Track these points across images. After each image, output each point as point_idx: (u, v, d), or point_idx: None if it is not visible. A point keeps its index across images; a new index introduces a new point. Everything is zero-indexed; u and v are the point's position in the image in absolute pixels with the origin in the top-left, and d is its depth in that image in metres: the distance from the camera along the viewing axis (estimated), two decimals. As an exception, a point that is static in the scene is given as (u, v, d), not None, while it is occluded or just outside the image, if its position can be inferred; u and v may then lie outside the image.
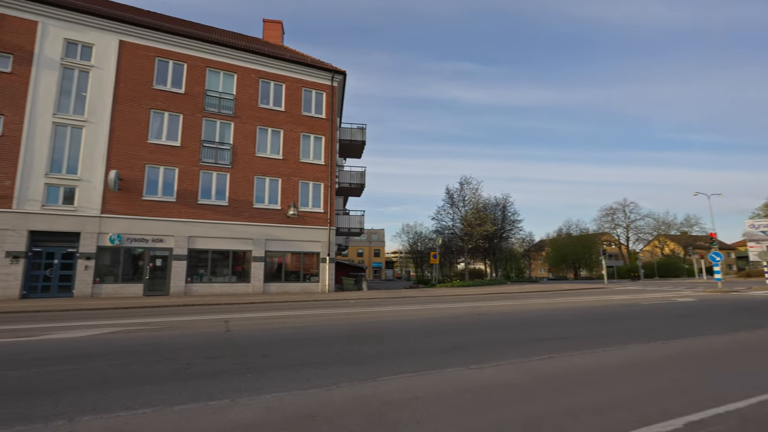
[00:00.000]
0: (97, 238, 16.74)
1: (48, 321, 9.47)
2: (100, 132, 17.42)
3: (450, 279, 42.71)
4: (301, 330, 7.95)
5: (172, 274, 17.78)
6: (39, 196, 16.16)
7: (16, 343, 6.58)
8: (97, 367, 4.98)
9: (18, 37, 16.74)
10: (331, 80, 22.53)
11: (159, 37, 18.97)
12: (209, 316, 10.17)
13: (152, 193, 18.03)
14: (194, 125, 19.18)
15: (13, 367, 5.00)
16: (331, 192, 21.58)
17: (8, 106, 16.20)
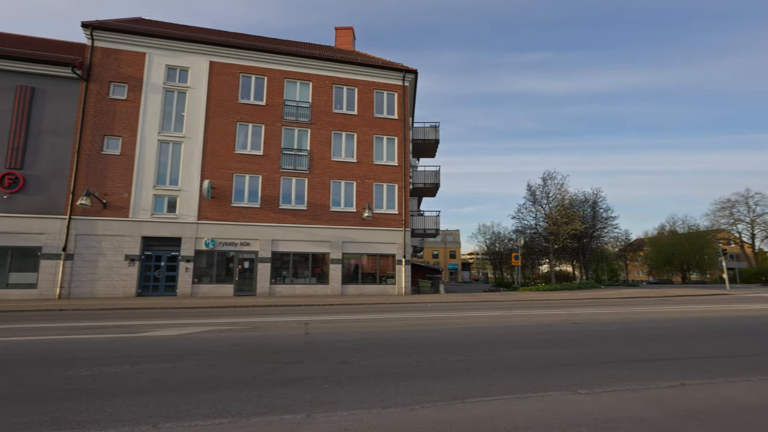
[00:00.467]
0: (194, 243, 18.41)
1: (153, 318, 10.42)
2: (195, 146, 19.18)
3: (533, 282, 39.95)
4: (379, 335, 7.64)
5: (258, 275, 18.90)
6: (149, 205, 18.25)
7: (119, 339, 7.19)
8: (187, 367, 5.12)
9: (130, 69, 19.15)
10: (402, 80, 22.29)
11: (243, 55, 20.39)
12: (290, 318, 10.39)
13: (239, 200, 19.37)
14: (275, 134, 20.25)
15: (110, 363, 5.36)
16: (405, 193, 21.30)
17: (125, 128, 18.58)
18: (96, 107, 18.38)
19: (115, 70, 18.93)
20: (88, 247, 17.42)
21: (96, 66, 18.75)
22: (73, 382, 4.47)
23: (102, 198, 17.70)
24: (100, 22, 19.38)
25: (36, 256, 16.94)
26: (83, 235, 17.42)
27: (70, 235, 17.22)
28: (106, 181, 17.98)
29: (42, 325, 9.13)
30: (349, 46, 26.08)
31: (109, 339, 7.16)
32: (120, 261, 17.55)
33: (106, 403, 3.79)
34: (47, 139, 17.73)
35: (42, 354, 5.91)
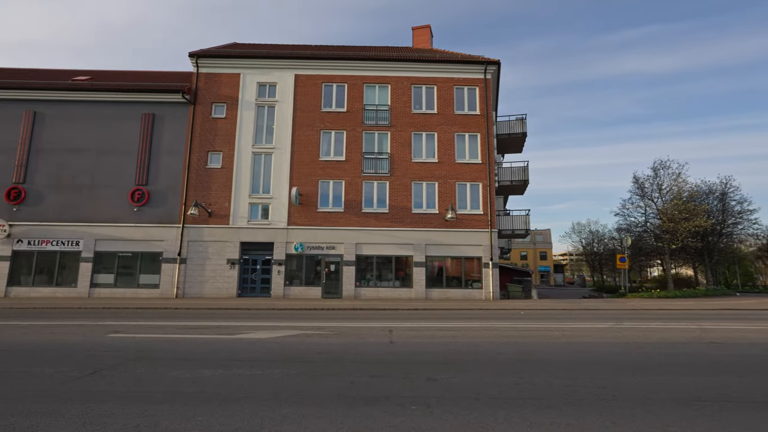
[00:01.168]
0: (285, 247, 19.53)
1: (249, 319, 11.06)
2: (284, 156, 20.38)
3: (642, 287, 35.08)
4: (468, 348, 7.02)
5: (343, 278, 19.36)
6: (245, 213, 19.84)
7: (217, 340, 7.61)
8: (275, 375, 5.10)
9: (228, 89, 21.08)
10: (484, 72, 21.17)
11: (324, 65, 21.19)
12: (374, 324, 10.23)
13: (325, 205, 20.08)
14: (356, 139, 20.63)
15: (207, 366, 5.58)
16: (490, 192, 20.14)
17: (224, 144, 20.48)
18: (201, 127, 20.57)
19: (215, 92, 21.00)
20: (197, 252, 19.51)
21: (201, 90, 21.01)
22: (175, 384, 4.68)
23: (207, 208, 19.70)
24: (203, 51, 21.69)
25: (158, 261, 19.46)
26: (193, 242, 19.56)
27: (184, 241, 19.46)
28: (210, 192, 19.99)
29: (160, 323, 10.21)
30: (427, 44, 25.63)
31: (209, 340, 7.63)
32: (223, 264, 19.34)
33: (198, 410, 3.84)
34: (164, 158, 20.30)
35: (154, 353, 6.44)
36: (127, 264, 19.65)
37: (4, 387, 4.55)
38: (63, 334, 8.18)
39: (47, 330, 8.76)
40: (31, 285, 19.24)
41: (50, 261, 19.49)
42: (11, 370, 5.32)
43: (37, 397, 4.22)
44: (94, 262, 19.38)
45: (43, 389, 4.48)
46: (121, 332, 8.49)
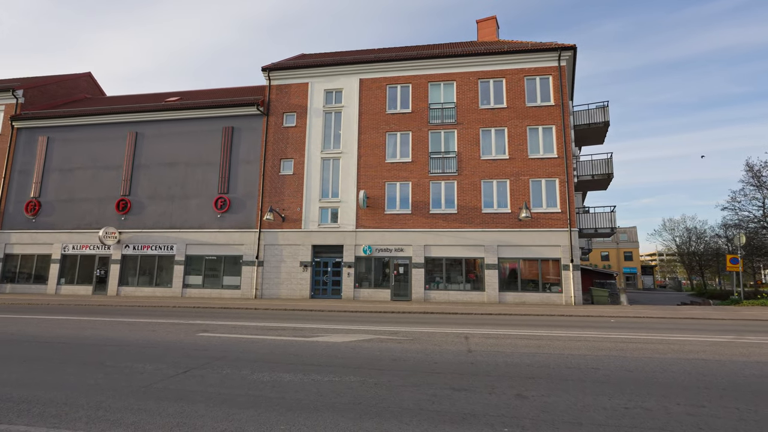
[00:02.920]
0: (354, 250, 19.81)
1: (322, 321, 11.26)
2: (351, 160, 20.73)
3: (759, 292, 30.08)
4: (557, 360, 6.35)
5: (412, 280, 19.12)
6: (316, 217, 20.50)
7: (294, 343, 7.75)
8: (352, 383, 4.98)
9: (297, 99, 22.01)
10: (558, 59, 19.66)
11: (388, 67, 21.20)
12: (448, 329, 9.81)
13: (392, 207, 20.03)
14: (422, 139, 20.32)
15: (286, 370, 5.63)
16: (568, 188, 18.60)
17: (296, 151, 21.40)
18: (274, 136, 21.71)
19: (286, 102, 22.05)
20: (273, 255, 20.58)
21: (273, 101, 22.19)
22: (257, 388, 4.75)
23: (281, 213, 20.71)
24: (274, 64, 22.91)
25: (239, 263, 20.86)
26: (269, 245, 20.67)
27: (261, 245, 20.65)
28: (284, 198, 20.98)
29: (242, 323, 10.78)
30: (493, 36, 24.53)
31: (287, 342, 7.81)
32: (296, 267, 20.17)
33: (280, 418, 3.80)
34: (243, 167, 21.75)
35: (238, 354, 6.71)
36: (213, 266, 21.36)
37: (114, 381, 4.96)
38: (161, 332, 8.93)
39: (149, 328, 9.65)
40: (136, 285, 21.74)
41: (150, 264, 21.86)
42: (119, 365, 5.83)
43: (139, 393, 4.52)
44: (185, 265, 21.36)
45: (145, 386, 4.81)
46: (208, 331, 9.07)
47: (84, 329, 9.34)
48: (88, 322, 10.79)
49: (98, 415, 3.84)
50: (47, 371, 5.49)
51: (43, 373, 5.37)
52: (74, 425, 3.58)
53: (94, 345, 7.42)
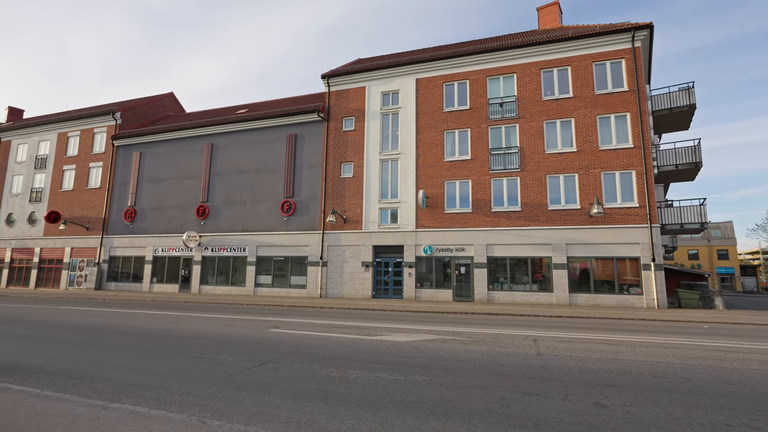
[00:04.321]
0: (414, 250, 19.80)
1: (385, 320, 11.40)
2: (409, 160, 20.77)
3: None
4: (639, 367, 5.82)
5: (474, 281, 18.66)
6: (375, 218, 20.82)
7: (359, 341, 7.92)
8: (418, 382, 4.99)
9: (355, 103, 22.54)
10: (631, 40, 18.05)
11: (444, 65, 20.94)
12: (514, 331, 9.43)
13: (452, 206, 19.72)
14: (481, 136, 19.77)
15: (353, 367, 5.78)
16: (647, 180, 16.98)
17: (355, 154, 21.92)
18: (334, 140, 22.44)
19: (345, 107, 22.68)
20: (336, 255, 21.26)
21: (332, 107, 22.96)
22: (325, 383, 4.95)
23: (343, 214, 21.32)
24: (332, 71, 23.68)
25: (304, 264, 21.85)
26: (332, 246, 21.38)
27: (324, 246, 21.43)
28: (345, 200, 21.59)
29: (309, 321, 11.28)
30: (555, 23, 23.18)
31: (352, 340, 8.02)
32: (358, 267, 20.64)
33: (349, 413, 3.93)
34: (305, 171, 22.76)
35: (307, 350, 7.03)
36: (281, 267, 22.59)
37: (200, 371, 5.46)
38: (238, 327, 9.64)
39: (226, 323, 10.46)
40: (215, 284, 23.68)
41: (226, 264, 23.69)
42: (204, 356, 6.40)
43: (222, 382, 4.93)
44: (256, 265, 22.85)
45: (226, 376, 5.23)
46: (279, 328, 9.61)
47: (173, 323, 10.37)
48: (176, 317, 11.97)
49: (189, 400, 4.25)
50: (147, 359, 6.19)
51: (143, 361, 6.06)
52: (170, 408, 4.00)
53: (182, 337, 8.21)
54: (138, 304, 16.47)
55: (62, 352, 6.73)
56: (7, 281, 29.47)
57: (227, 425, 3.53)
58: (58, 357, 6.31)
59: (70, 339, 7.95)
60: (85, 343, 7.49)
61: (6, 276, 29.48)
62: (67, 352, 6.67)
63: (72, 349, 7.00)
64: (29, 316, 11.83)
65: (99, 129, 28.84)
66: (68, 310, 13.51)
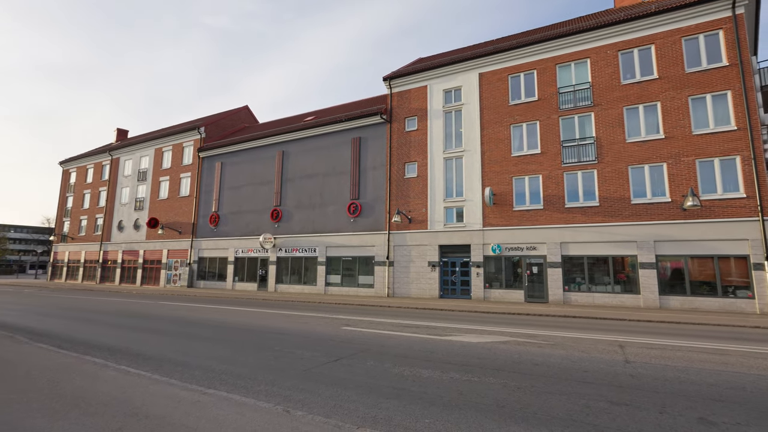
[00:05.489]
0: (482, 249, 19.23)
1: (453, 321, 11.23)
2: (474, 157, 20.24)
3: None
4: (760, 382, 5.09)
5: (548, 281, 17.63)
6: (441, 217, 20.59)
7: (429, 341, 7.88)
8: (492, 384, 4.86)
9: (417, 103, 22.52)
10: (732, 6, 15.80)
11: (508, 57, 20.09)
12: (597, 336, 8.76)
13: (521, 203, 18.84)
14: (551, 128, 18.65)
15: (424, 366, 5.76)
16: (756, 166, 14.75)
17: (418, 153, 21.90)
18: (397, 141, 22.62)
19: (407, 107, 22.76)
20: (402, 255, 21.39)
21: (395, 108, 23.16)
22: (398, 381, 5.01)
23: (408, 214, 21.40)
24: (393, 73, 23.89)
25: (371, 264, 22.29)
26: (398, 246, 21.55)
27: (390, 246, 21.68)
28: (409, 200, 21.64)
29: (378, 319, 11.49)
30: None
31: (422, 340, 8.02)
32: (424, 267, 20.56)
33: (424, 412, 3.94)
34: (370, 173, 23.22)
35: (378, 347, 7.18)
36: (349, 266, 23.29)
37: (281, 363, 5.83)
38: (312, 325, 10.12)
39: (301, 320, 11.04)
40: (289, 283, 25.12)
41: (298, 264, 25.00)
42: (284, 350, 6.82)
43: (302, 375, 5.22)
44: (326, 265, 23.80)
45: (305, 369, 5.53)
46: (350, 326, 9.92)
47: (254, 319, 11.20)
48: (256, 313, 12.90)
49: (273, 390, 4.57)
50: (234, 351, 6.76)
51: (232, 353, 6.63)
52: (257, 396, 4.33)
53: (263, 332, 8.83)
54: (223, 301, 18.01)
55: (165, 341, 7.60)
56: (119, 279, 34.00)
57: (309, 416, 3.73)
58: (163, 346, 7.14)
59: (171, 330, 8.94)
60: (182, 335, 8.38)
61: (119, 274, 34.02)
62: (169, 342, 7.52)
63: (172, 339, 7.87)
64: (139, 309, 13.53)
65: (187, 143, 32.10)
66: (168, 305, 15.21)
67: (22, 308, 13.75)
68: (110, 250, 35.33)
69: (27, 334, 8.11)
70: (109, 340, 7.63)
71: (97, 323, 10.04)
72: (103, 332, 8.64)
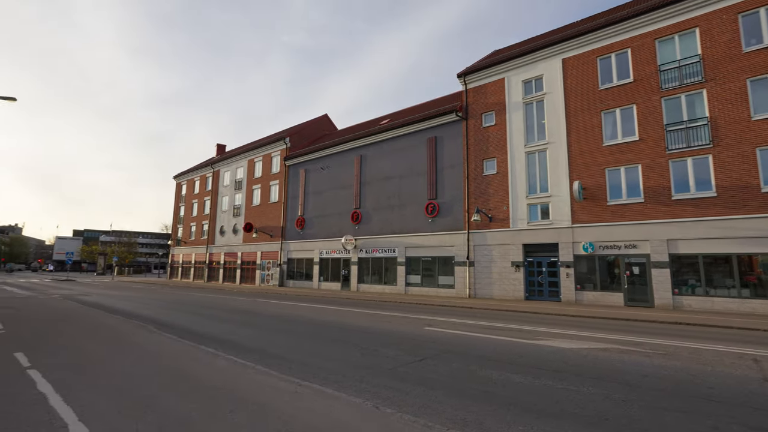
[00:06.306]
0: (572, 248, 17.80)
1: (541, 324, 10.55)
2: (560, 150, 18.86)
3: None
4: None
5: (653, 283, 15.69)
6: (524, 215, 19.53)
7: (517, 344, 7.49)
8: (593, 395, 4.47)
9: (494, 97, 21.67)
10: None
11: (595, 37, 18.37)
12: (720, 346, 7.57)
13: (616, 197, 17.07)
14: (651, 111, 16.61)
15: (514, 371, 5.49)
16: None
17: (497, 149, 21.07)
18: (474, 138, 22.00)
19: (483, 103, 22.03)
20: (483, 255, 20.72)
21: (470, 104, 22.57)
22: (486, 384, 4.85)
23: (488, 213, 20.67)
24: (468, 68, 23.30)
25: (451, 264, 21.95)
26: (479, 246, 20.92)
27: (470, 246, 21.14)
28: (489, 198, 20.89)
29: (461, 320, 11.28)
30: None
31: (509, 343, 7.67)
32: (507, 267, 19.66)
33: (517, 418, 3.76)
34: (447, 172, 22.92)
35: (463, 348, 7.03)
36: (428, 267, 23.21)
37: (368, 361, 6.02)
38: (395, 324, 10.28)
39: (384, 319, 11.28)
40: (370, 283, 25.85)
41: (378, 265, 25.61)
42: (369, 348, 7.03)
43: (388, 373, 5.32)
44: (405, 266, 24.02)
45: (391, 367, 5.63)
46: (433, 326, 9.87)
47: (340, 317, 11.72)
48: (341, 311, 13.49)
49: (361, 386, 4.72)
50: (324, 347, 7.14)
51: (322, 348, 7.02)
52: (348, 391, 4.51)
53: (349, 330, 9.19)
54: (310, 299, 19.15)
55: (264, 336, 8.32)
56: (222, 278, 38.10)
57: (398, 414, 3.79)
58: (263, 340, 7.82)
59: (268, 325, 9.76)
60: (277, 330, 9.09)
61: (222, 274, 38.14)
62: (268, 336, 8.21)
63: (270, 334, 8.58)
64: (239, 306, 15.00)
65: (275, 153, 34.85)
66: (263, 302, 16.63)
67: (150, 303, 16.08)
68: (214, 252, 39.71)
69: (156, 325, 9.47)
70: (218, 333, 8.57)
71: (208, 317, 11.35)
72: (213, 325, 9.73)
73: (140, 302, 16.21)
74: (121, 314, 11.72)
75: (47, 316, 11.06)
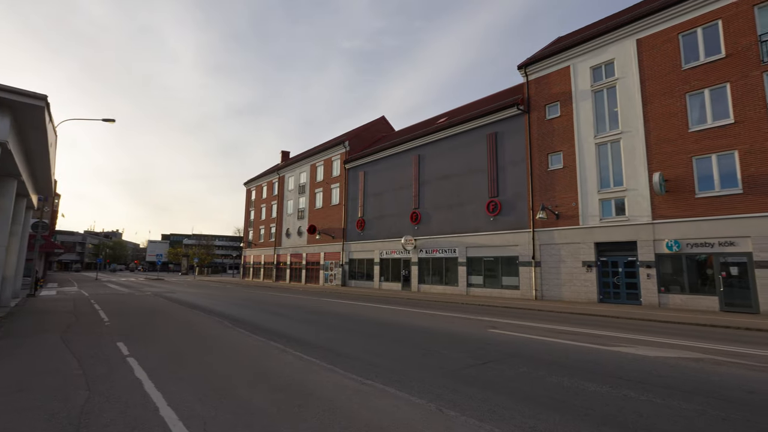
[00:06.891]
0: (653, 246, 16.17)
1: (619, 329, 9.70)
2: (636, 139, 17.25)
3: None
4: None
5: (757, 286, 13.72)
6: (596, 211, 18.13)
7: (592, 350, 6.94)
8: (684, 410, 4.00)
9: (559, 86, 20.40)
10: None
11: (678, 11, 16.53)
12: None
13: (707, 189, 15.20)
14: (749, 89, 14.56)
15: (588, 378, 5.08)
16: None
17: (563, 142, 19.81)
18: (538, 131, 20.88)
19: (546, 94, 20.83)
20: (550, 255, 19.57)
21: (532, 97, 21.47)
22: (557, 392, 4.56)
23: (554, 210, 19.50)
24: (529, 59, 22.18)
25: (515, 264, 21.02)
26: (545, 245, 19.80)
27: (535, 245, 20.09)
28: (555, 194, 19.69)
29: (527, 323, 10.75)
30: None
31: (582, 348, 7.15)
32: (578, 267, 18.36)
33: (594, 429, 3.48)
34: (509, 169, 22.01)
35: (530, 353, 6.69)
36: (491, 267, 22.45)
37: (430, 361, 5.95)
38: (457, 325, 10.08)
39: (446, 320, 11.11)
40: (430, 283, 25.63)
41: (439, 265, 25.29)
42: (432, 349, 6.95)
43: (451, 375, 5.22)
44: (467, 266, 23.46)
45: (454, 369, 5.51)
46: (497, 329, 9.52)
47: (401, 317, 11.75)
48: (402, 311, 13.51)
49: (424, 387, 4.68)
50: (386, 346, 7.19)
51: (384, 348, 7.08)
52: (410, 391, 4.49)
53: (410, 330, 9.18)
54: (372, 299, 19.45)
55: (329, 334, 8.59)
56: (289, 278, 40.14)
57: (462, 417, 3.69)
58: (327, 338, 8.08)
59: (332, 324, 10.07)
60: (340, 329, 9.34)
61: (288, 274, 40.19)
62: (332, 334, 8.47)
63: (334, 332, 8.84)
64: (305, 305, 15.68)
65: (335, 157, 35.98)
66: (327, 302, 17.22)
67: (225, 300, 17.40)
68: (281, 254, 41.93)
69: (230, 321, 10.21)
70: (285, 329, 9.02)
71: (277, 314, 12.00)
72: (281, 322, 10.26)
73: (217, 299, 17.60)
74: (200, 310, 12.82)
75: (142, 311, 12.44)
